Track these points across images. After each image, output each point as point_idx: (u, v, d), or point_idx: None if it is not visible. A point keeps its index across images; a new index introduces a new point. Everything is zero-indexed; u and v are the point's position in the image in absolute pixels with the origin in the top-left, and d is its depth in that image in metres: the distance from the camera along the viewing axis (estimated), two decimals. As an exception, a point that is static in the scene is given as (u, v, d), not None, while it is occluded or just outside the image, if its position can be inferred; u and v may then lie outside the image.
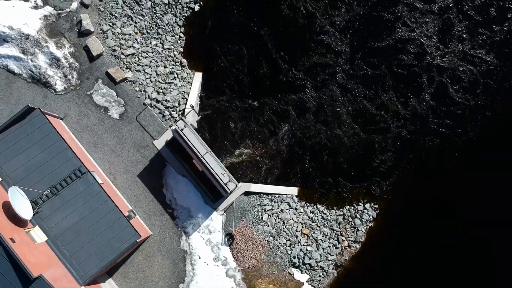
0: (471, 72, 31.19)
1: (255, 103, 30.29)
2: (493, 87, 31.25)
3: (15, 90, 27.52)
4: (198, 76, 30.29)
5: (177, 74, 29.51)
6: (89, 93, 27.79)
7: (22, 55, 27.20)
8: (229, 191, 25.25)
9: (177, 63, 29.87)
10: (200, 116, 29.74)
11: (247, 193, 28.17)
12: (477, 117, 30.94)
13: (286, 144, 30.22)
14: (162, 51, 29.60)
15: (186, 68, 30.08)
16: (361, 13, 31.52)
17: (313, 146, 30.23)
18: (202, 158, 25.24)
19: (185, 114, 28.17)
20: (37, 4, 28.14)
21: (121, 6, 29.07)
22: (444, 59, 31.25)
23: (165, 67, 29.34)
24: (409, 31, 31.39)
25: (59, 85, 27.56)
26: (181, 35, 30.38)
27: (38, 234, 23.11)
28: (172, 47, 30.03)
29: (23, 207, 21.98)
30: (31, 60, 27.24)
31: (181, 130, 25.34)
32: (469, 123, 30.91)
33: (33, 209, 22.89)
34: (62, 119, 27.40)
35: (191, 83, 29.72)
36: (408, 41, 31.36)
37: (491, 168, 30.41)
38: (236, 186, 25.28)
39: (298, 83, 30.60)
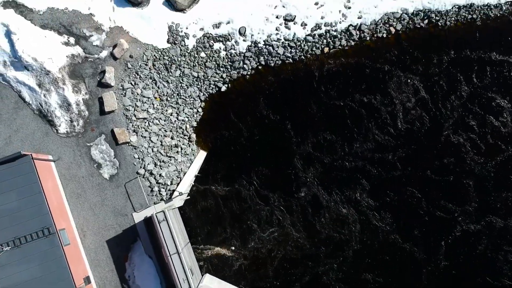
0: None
1: (252, 200, 29.47)
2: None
3: (20, 117, 27.31)
4: (201, 155, 29.65)
5: (181, 149, 28.88)
6: (88, 144, 27.39)
7: (37, 88, 26.89)
8: (183, 299, 24.78)
9: (185, 137, 29.24)
10: (189, 197, 29.18)
11: (205, 294, 27.62)
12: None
13: (268, 249, 29.42)
14: (175, 121, 28.96)
15: (192, 144, 29.45)
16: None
17: (292, 259, 29.40)
18: (169, 257, 24.77)
19: (172, 197, 27.60)
20: (69, 41, 27.71)
21: (150, 68, 28.41)
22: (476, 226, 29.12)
23: (172, 138, 28.72)
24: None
25: (63, 128, 27.23)
26: (200, 110, 29.70)
27: (-15, 283, 23.01)
28: (187, 119, 29.38)
29: (-21, 259, 21.85)
30: (44, 95, 26.92)
31: (159, 222, 24.85)
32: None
33: (-10, 255, 22.82)
34: (54, 161, 27.14)
35: (192, 162, 29.10)
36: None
37: None
38: (193, 296, 24.80)
39: (303, 195, 29.52)
